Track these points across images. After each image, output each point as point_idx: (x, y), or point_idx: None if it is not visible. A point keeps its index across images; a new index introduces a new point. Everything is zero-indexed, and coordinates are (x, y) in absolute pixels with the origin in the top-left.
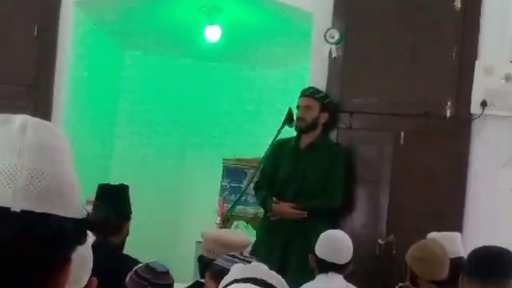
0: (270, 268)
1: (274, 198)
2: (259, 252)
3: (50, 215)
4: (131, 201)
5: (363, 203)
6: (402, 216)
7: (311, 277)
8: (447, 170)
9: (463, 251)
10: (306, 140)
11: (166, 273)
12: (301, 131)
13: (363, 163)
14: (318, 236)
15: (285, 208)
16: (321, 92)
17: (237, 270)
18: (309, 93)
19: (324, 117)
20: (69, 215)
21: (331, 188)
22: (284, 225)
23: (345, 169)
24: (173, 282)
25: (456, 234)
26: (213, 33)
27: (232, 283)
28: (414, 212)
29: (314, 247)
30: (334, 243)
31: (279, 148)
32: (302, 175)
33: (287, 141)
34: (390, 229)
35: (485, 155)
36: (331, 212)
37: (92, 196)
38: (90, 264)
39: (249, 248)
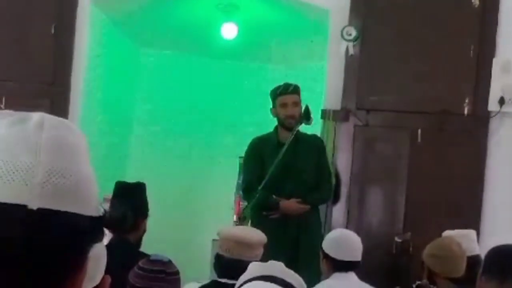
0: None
1: (273, 196)
2: (269, 251)
3: (67, 212)
4: (148, 199)
5: (380, 200)
6: (419, 214)
7: (318, 271)
8: (464, 168)
9: (479, 249)
10: (286, 134)
11: (164, 262)
12: (291, 128)
13: (379, 161)
14: (320, 229)
15: (292, 204)
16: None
17: (255, 268)
18: (294, 89)
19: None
20: (86, 212)
21: (323, 179)
22: (289, 222)
23: (327, 159)
24: (175, 272)
25: (471, 232)
26: (229, 31)
27: (251, 281)
28: (431, 210)
29: (319, 242)
30: (348, 241)
31: (260, 146)
32: (295, 169)
33: (265, 138)
34: (407, 227)
35: (503, 152)
36: (325, 202)
37: (109, 194)
38: (104, 262)
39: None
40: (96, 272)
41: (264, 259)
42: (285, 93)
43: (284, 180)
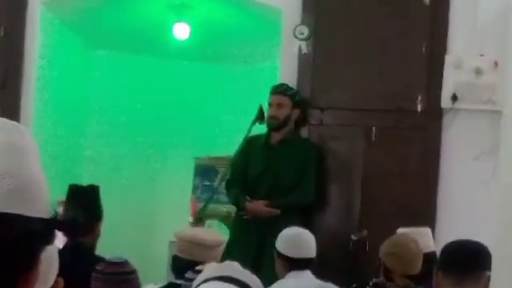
0: (244, 267)
1: (247, 197)
2: (233, 251)
3: (17, 215)
4: (103, 202)
5: (335, 199)
6: (374, 211)
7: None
8: (419, 164)
9: (434, 246)
10: (277, 137)
11: (121, 263)
12: (273, 129)
13: (334, 159)
14: None
15: (258, 206)
16: (292, 88)
17: (211, 268)
18: (281, 90)
19: (296, 113)
20: (37, 215)
21: (304, 185)
22: (257, 224)
23: (317, 165)
24: (132, 271)
25: (426, 229)
26: (181, 31)
27: (207, 281)
28: (387, 207)
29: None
30: (301, 239)
31: (249, 145)
32: (274, 172)
33: (257, 138)
34: (362, 224)
35: (456, 149)
36: (304, 209)
37: (63, 197)
38: (56, 265)
39: (223, 247)
40: (48, 275)
41: (230, 258)
42: (272, 92)
43: (261, 182)
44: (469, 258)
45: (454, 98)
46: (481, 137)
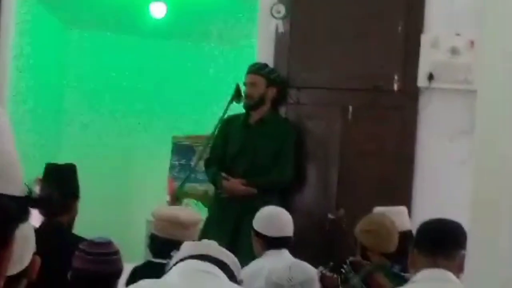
0: (222, 246)
1: (224, 175)
2: (210, 229)
3: None
4: (80, 181)
5: (312, 178)
6: (351, 190)
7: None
8: (395, 144)
9: (410, 225)
10: (255, 116)
11: (105, 243)
12: (249, 108)
13: (311, 138)
14: None
15: (235, 184)
16: (268, 67)
17: (188, 247)
18: (254, 69)
19: (272, 92)
20: (9, 192)
21: (281, 164)
22: (234, 202)
23: (295, 144)
24: (115, 252)
25: (402, 208)
26: (158, 10)
27: (184, 260)
28: (364, 186)
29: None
30: (277, 218)
31: (228, 124)
32: (252, 151)
33: (236, 117)
34: (339, 203)
35: (433, 128)
36: (281, 188)
37: (40, 176)
38: (32, 243)
39: (201, 226)
40: (24, 253)
41: (207, 237)
42: (247, 72)
43: (239, 161)
44: (445, 237)
45: (431, 77)
46: (457, 116)
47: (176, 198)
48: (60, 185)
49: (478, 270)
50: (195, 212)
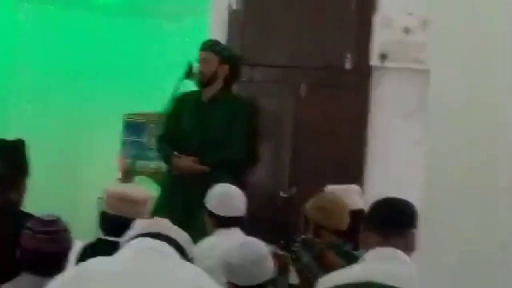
0: (173, 224)
1: (175, 153)
2: (162, 207)
3: None
4: (28, 157)
5: (265, 156)
6: (304, 168)
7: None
8: (348, 123)
9: (363, 204)
10: (208, 93)
11: (52, 221)
12: (201, 85)
13: (264, 116)
14: None
15: (187, 162)
16: (221, 44)
17: (140, 225)
18: (207, 46)
19: (224, 69)
20: None
21: (234, 141)
22: (186, 180)
23: (248, 122)
24: (63, 229)
25: (355, 187)
26: None
27: (135, 238)
28: (316, 164)
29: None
30: (230, 197)
31: (180, 101)
32: (204, 129)
33: (189, 94)
34: (292, 182)
35: (385, 107)
36: (234, 165)
37: None
38: None
39: (152, 204)
40: None
41: (159, 215)
42: (200, 49)
43: (192, 138)
44: (396, 215)
45: (383, 57)
46: (410, 96)
47: (127, 176)
48: (8, 161)
49: (430, 249)
50: (146, 190)
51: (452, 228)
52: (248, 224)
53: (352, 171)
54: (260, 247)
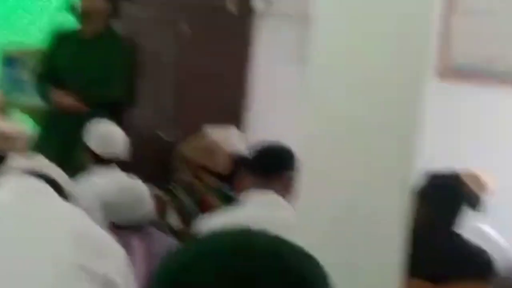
0: (51, 161)
1: (54, 90)
2: (40, 145)
3: None
4: None
5: (147, 96)
6: (186, 111)
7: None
8: (231, 68)
9: (243, 148)
10: (87, 29)
11: None
12: (81, 22)
13: (147, 56)
14: None
15: (65, 99)
16: None
17: (16, 161)
18: None
19: (105, 5)
20: None
21: (114, 80)
22: (65, 118)
23: (129, 61)
24: None
25: (234, 129)
26: None
27: (12, 175)
28: (198, 107)
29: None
30: (110, 135)
31: (60, 38)
32: (84, 66)
33: (69, 31)
34: (174, 125)
35: (267, 53)
36: (114, 105)
37: None
38: None
39: (29, 141)
40: None
41: (36, 152)
42: None
43: (71, 76)
44: (274, 159)
45: (267, 1)
46: (293, 42)
47: (3, 111)
48: None
49: (310, 198)
50: (21, 125)
51: (333, 178)
52: (129, 165)
53: (234, 115)
54: (139, 187)
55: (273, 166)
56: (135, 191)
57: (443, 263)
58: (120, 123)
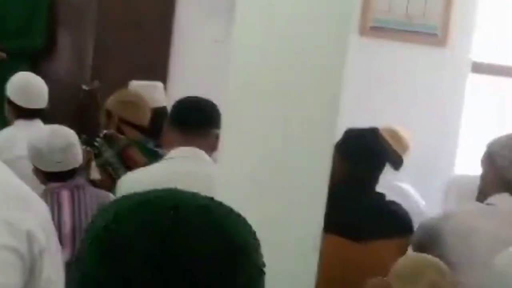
0: None
1: None
2: None
3: None
4: None
5: (66, 46)
6: (108, 62)
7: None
8: (153, 17)
9: (166, 102)
10: None
11: None
12: None
13: (66, 3)
14: None
15: None
16: None
17: None
18: None
19: None
20: None
21: (33, 28)
22: None
23: (48, 9)
24: None
25: (158, 83)
26: None
27: None
28: (120, 59)
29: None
30: (32, 87)
31: None
32: (2, 15)
33: None
34: (95, 75)
35: (191, 3)
36: (33, 54)
37: None
38: None
39: None
40: None
41: None
42: None
43: None
44: (199, 115)
45: None
46: None
47: None
48: None
49: (231, 152)
50: None
51: (255, 133)
52: (49, 116)
53: (157, 67)
54: (69, 134)
55: (197, 123)
56: (66, 137)
57: (363, 221)
58: (40, 72)
